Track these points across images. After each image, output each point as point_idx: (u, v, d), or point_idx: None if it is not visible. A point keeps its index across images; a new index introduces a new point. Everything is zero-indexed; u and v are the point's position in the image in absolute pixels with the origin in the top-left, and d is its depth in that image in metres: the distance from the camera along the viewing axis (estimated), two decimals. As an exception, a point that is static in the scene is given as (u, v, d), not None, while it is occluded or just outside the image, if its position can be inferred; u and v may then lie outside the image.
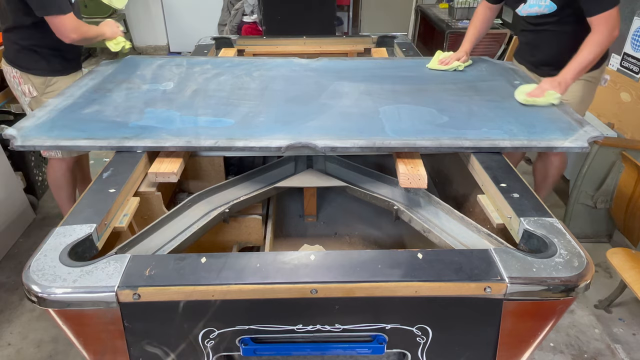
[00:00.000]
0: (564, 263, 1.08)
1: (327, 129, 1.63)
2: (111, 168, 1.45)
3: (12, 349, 2.06)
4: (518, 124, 1.67)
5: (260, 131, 1.62)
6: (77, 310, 1.05)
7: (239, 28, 4.97)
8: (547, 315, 1.14)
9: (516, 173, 1.44)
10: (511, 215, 1.28)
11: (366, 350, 1.18)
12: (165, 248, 1.33)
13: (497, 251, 1.13)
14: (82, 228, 1.18)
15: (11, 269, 2.52)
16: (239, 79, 2.14)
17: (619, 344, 2.10)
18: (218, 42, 2.97)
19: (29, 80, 2.18)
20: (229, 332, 1.13)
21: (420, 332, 1.14)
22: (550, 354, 2.05)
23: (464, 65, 2.24)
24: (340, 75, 2.18)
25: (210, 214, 1.52)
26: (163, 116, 1.73)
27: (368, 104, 1.84)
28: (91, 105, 1.81)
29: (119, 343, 1.12)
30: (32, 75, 2.17)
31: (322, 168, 1.80)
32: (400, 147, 1.54)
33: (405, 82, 2.10)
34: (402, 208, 1.56)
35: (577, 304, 2.28)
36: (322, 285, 1.05)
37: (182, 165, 1.55)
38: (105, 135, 1.58)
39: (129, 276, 1.05)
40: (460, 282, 1.05)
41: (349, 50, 3.05)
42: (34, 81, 2.18)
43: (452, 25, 4.42)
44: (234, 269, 1.07)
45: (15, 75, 2.18)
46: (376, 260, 1.10)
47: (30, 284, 1.03)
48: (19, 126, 1.62)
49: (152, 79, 2.13)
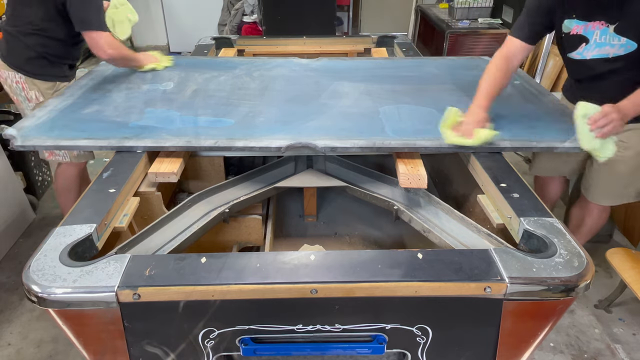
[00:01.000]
0: (564, 263, 1.08)
1: (327, 129, 1.63)
2: (111, 168, 1.45)
3: (12, 349, 2.06)
4: (518, 124, 1.67)
5: (260, 131, 1.62)
6: (77, 310, 1.05)
7: (239, 28, 4.97)
8: (547, 315, 1.14)
9: (516, 173, 1.44)
10: (511, 215, 1.28)
11: (366, 350, 1.18)
12: (165, 248, 1.33)
13: (497, 251, 1.13)
14: (82, 228, 1.18)
15: (11, 269, 2.52)
16: (239, 79, 2.14)
17: (619, 344, 2.10)
18: (218, 42, 2.98)
19: (34, 86, 2.15)
20: (229, 332, 1.13)
21: (420, 332, 1.14)
22: (550, 354, 2.05)
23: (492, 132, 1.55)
24: (340, 75, 2.18)
25: (210, 214, 1.52)
26: (163, 116, 1.73)
27: (368, 104, 1.84)
28: (91, 105, 1.81)
29: (119, 343, 1.12)
30: (38, 81, 2.15)
31: (322, 168, 1.80)
32: (400, 147, 1.54)
33: (405, 82, 2.10)
34: (402, 208, 1.56)
35: (577, 304, 2.28)
36: (322, 285, 1.05)
37: (182, 165, 1.55)
38: (105, 135, 1.58)
39: (129, 276, 1.05)
40: (460, 282, 1.05)
41: (349, 50, 3.05)
42: (41, 86, 2.16)
43: (452, 25, 4.42)
44: (234, 269, 1.07)
45: (19, 81, 2.14)
46: (376, 260, 1.10)
47: (30, 284, 1.03)
48: (19, 126, 1.62)
49: (152, 79, 2.13)
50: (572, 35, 1.76)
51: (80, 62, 5.61)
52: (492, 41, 4.34)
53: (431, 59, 2.52)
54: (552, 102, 1.87)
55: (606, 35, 1.66)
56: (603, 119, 1.49)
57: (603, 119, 1.49)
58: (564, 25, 1.76)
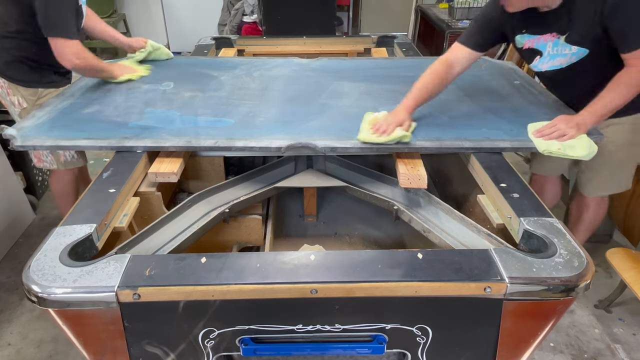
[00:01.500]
0: (564, 263, 1.08)
1: (327, 129, 1.63)
2: (111, 168, 1.45)
3: (12, 349, 2.06)
4: (518, 124, 1.67)
5: (260, 131, 1.62)
6: (77, 310, 1.05)
7: (239, 28, 4.97)
8: (547, 315, 1.14)
9: (516, 173, 1.44)
10: (511, 215, 1.28)
11: (366, 350, 1.18)
12: (165, 248, 1.33)
13: (497, 251, 1.13)
14: (82, 228, 1.18)
15: (11, 269, 2.52)
16: (239, 79, 2.14)
17: (619, 344, 2.10)
18: (218, 42, 2.98)
19: (17, 92, 2.05)
20: (229, 332, 1.13)
21: (420, 332, 1.14)
22: (550, 354, 2.05)
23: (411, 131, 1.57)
24: (340, 75, 2.18)
25: (210, 214, 1.52)
26: (163, 116, 1.73)
27: (368, 104, 1.84)
28: (91, 105, 1.81)
29: (119, 343, 1.12)
30: (21, 87, 2.04)
31: (322, 168, 1.80)
32: (400, 147, 1.54)
33: (405, 82, 2.09)
34: (402, 208, 1.56)
35: (577, 304, 2.28)
36: (322, 285, 1.05)
37: (182, 165, 1.55)
38: (105, 135, 1.58)
39: (129, 276, 1.05)
40: (460, 282, 1.05)
41: (349, 50, 3.05)
42: (23, 93, 2.05)
43: (452, 25, 4.42)
44: (234, 269, 1.07)
45: (2, 85, 2.04)
46: (376, 260, 1.10)
47: (30, 284, 1.03)
48: (19, 126, 1.62)
49: (152, 79, 2.13)
50: (525, 49, 1.78)
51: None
52: (492, 41, 4.34)
53: (431, 59, 2.52)
54: (552, 102, 1.87)
55: (558, 46, 1.68)
56: (548, 129, 1.57)
57: (548, 129, 1.57)
58: (517, 40, 1.79)
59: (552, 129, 1.56)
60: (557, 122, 1.58)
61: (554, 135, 1.55)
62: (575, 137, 1.54)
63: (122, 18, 5.85)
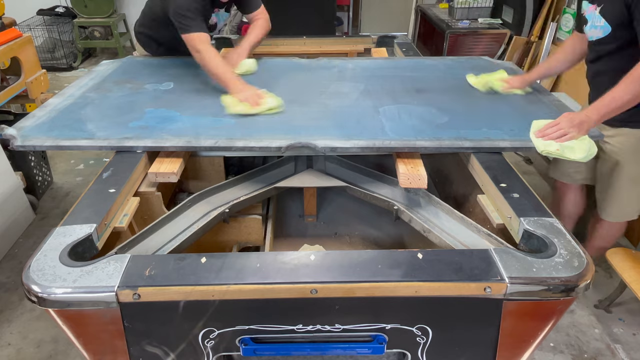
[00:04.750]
0: (564, 263, 1.08)
1: (327, 129, 1.63)
2: (111, 168, 1.45)
3: (12, 349, 2.06)
4: (518, 124, 1.67)
5: (260, 131, 1.62)
6: (77, 310, 1.05)
7: (239, 28, 4.97)
8: (547, 315, 1.14)
9: (516, 173, 1.44)
10: (511, 215, 1.28)
11: (366, 350, 1.18)
12: (165, 248, 1.33)
13: (497, 251, 1.13)
14: (82, 228, 1.18)
15: (11, 269, 2.52)
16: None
17: (619, 344, 2.10)
18: (218, 42, 2.97)
19: None
20: (229, 332, 1.13)
21: (420, 332, 1.14)
22: (550, 354, 2.05)
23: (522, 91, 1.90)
24: (340, 75, 2.18)
25: (210, 214, 1.52)
26: (163, 116, 1.73)
27: (368, 104, 1.84)
28: (91, 105, 1.81)
29: (119, 343, 1.12)
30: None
31: (322, 168, 1.80)
32: (400, 147, 1.54)
33: (405, 82, 2.10)
34: (402, 208, 1.56)
35: (577, 304, 2.28)
36: (322, 285, 1.05)
37: (182, 165, 1.55)
38: (105, 135, 1.58)
39: (129, 276, 1.05)
40: (460, 282, 1.05)
41: (349, 50, 3.05)
42: None
43: (452, 25, 4.41)
44: (234, 269, 1.07)
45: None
46: (376, 260, 1.10)
47: (30, 284, 1.03)
48: (19, 126, 1.62)
49: (152, 79, 2.13)
50: (583, 15, 1.82)
51: (80, 62, 5.62)
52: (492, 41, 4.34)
53: (431, 59, 2.52)
54: (553, 102, 1.87)
55: (595, 17, 1.71)
56: (550, 128, 1.55)
57: (550, 129, 1.55)
58: (583, 5, 1.83)
59: (554, 129, 1.55)
60: (560, 121, 1.56)
61: (555, 135, 1.53)
62: (576, 137, 1.53)
63: (122, 18, 5.84)
